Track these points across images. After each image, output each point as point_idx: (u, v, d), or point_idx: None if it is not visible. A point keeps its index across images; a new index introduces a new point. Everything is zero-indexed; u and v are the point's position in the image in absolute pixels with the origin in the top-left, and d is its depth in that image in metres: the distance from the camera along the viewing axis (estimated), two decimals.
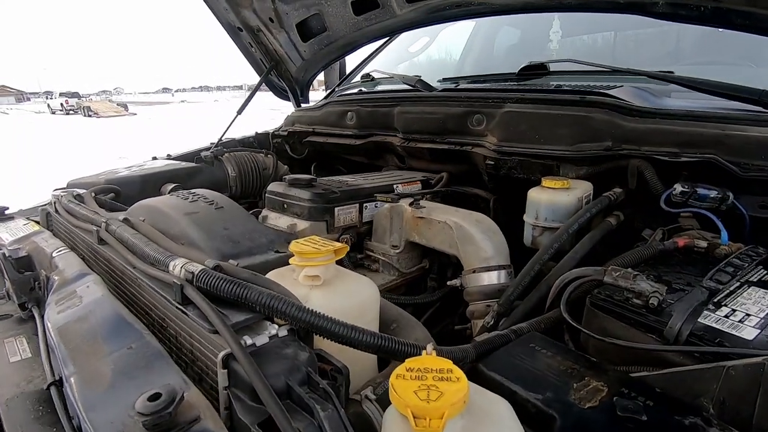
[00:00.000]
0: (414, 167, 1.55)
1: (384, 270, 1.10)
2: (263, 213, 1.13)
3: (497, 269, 0.87)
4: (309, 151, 1.89)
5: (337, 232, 1.09)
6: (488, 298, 0.86)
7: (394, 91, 1.61)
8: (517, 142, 1.14)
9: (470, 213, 0.96)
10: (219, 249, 0.68)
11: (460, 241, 0.91)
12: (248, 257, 0.68)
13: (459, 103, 1.31)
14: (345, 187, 1.11)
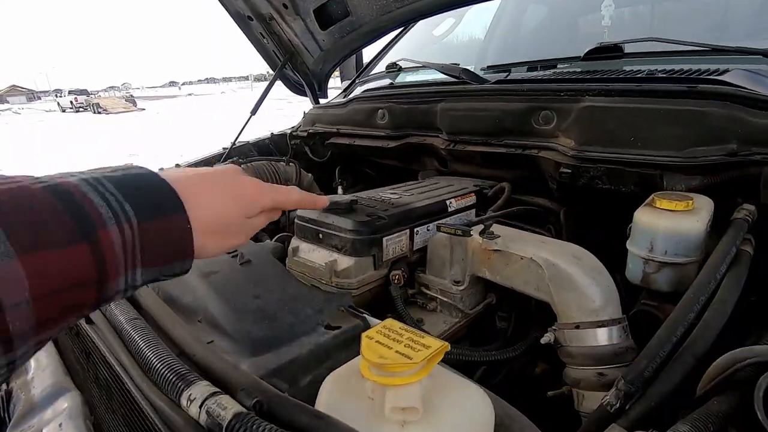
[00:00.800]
0: (459, 172, 1.33)
1: (443, 310, 0.90)
2: (293, 244, 0.93)
3: (610, 325, 0.66)
4: (332, 153, 1.68)
5: (386, 266, 0.88)
6: (599, 363, 0.65)
7: (434, 83, 1.38)
8: (603, 145, 0.91)
9: (562, 245, 0.75)
10: (251, 333, 0.48)
11: (554, 284, 0.70)
12: (291, 343, 0.48)
13: (519, 97, 1.08)
14: (392, 209, 0.90)
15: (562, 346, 0.70)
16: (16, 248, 0.27)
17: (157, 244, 0.35)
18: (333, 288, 0.83)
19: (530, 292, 0.75)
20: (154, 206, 0.35)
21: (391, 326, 0.42)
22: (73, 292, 0.30)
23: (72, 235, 0.30)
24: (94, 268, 0.31)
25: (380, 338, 0.40)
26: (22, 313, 0.27)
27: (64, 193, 0.31)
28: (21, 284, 0.27)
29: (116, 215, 0.32)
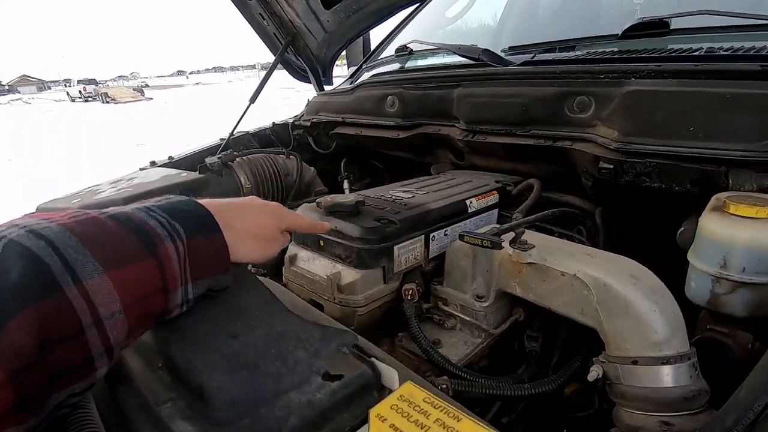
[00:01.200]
0: (477, 166, 1.20)
1: (464, 329, 0.77)
2: (290, 251, 0.81)
3: (677, 362, 0.53)
4: (338, 144, 1.55)
5: (397, 279, 0.76)
6: (663, 409, 0.52)
7: (451, 66, 1.24)
8: (653, 136, 0.77)
9: (613, 259, 0.62)
10: (222, 390, 0.36)
11: (604, 309, 0.57)
12: (275, 403, 0.36)
13: (550, 80, 0.94)
14: (404, 211, 0.78)
15: (613, 384, 0.57)
16: (103, 266, 0.32)
17: (202, 259, 0.41)
18: (336, 305, 0.71)
19: (572, 316, 0.62)
20: (198, 225, 0.41)
21: (412, 397, 0.30)
22: (149, 301, 0.36)
23: (141, 251, 0.35)
24: (160, 279, 0.36)
25: (396, 421, 0.28)
26: (117, 323, 0.32)
27: (126, 218, 0.37)
28: (113, 296, 0.32)
29: (170, 233, 0.38)
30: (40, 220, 0.32)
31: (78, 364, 0.30)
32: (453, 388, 0.62)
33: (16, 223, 0.32)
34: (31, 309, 0.27)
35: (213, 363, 0.39)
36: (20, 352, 0.26)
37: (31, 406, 0.27)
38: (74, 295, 0.29)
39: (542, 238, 0.71)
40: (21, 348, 0.26)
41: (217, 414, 0.35)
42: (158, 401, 0.37)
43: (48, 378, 0.28)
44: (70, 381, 0.30)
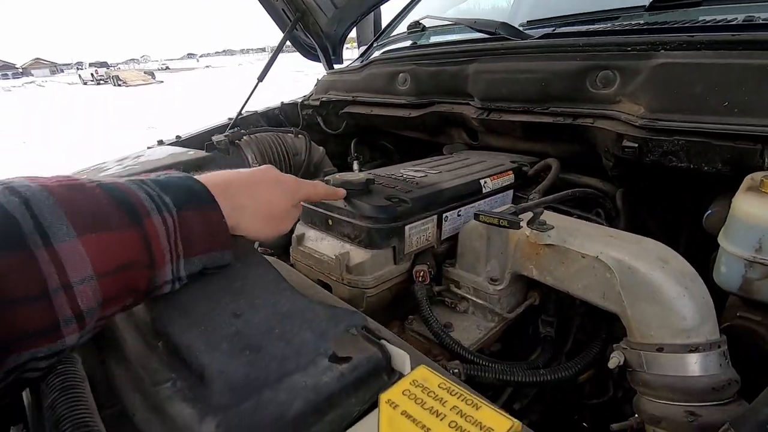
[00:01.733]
0: (491, 146, 1.15)
1: (476, 312, 0.75)
2: (298, 230, 0.79)
3: (706, 350, 0.50)
4: (347, 124, 1.52)
5: (408, 260, 0.74)
6: (690, 398, 0.49)
7: (466, 41, 1.19)
8: (683, 112, 0.72)
9: (639, 241, 0.58)
10: (224, 372, 0.34)
11: (628, 293, 0.54)
12: (279, 386, 0.34)
13: (572, 54, 0.89)
14: (416, 190, 0.74)
15: (635, 371, 0.54)
16: (77, 230, 0.31)
17: (195, 234, 0.39)
18: (344, 286, 0.69)
19: (593, 300, 0.59)
20: (190, 199, 0.39)
21: (426, 382, 0.28)
22: (130, 274, 0.34)
23: (123, 221, 0.34)
24: (145, 252, 0.35)
25: (409, 407, 0.25)
26: (88, 290, 0.31)
27: (114, 187, 0.35)
28: (84, 262, 0.31)
29: (158, 206, 0.36)
30: (24, 180, 0.31)
31: (41, 328, 0.29)
32: (465, 373, 0.60)
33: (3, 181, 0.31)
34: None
35: (214, 343, 0.36)
36: None
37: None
38: (42, 256, 0.28)
39: (561, 218, 0.67)
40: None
41: (218, 397, 0.33)
42: (156, 381, 0.35)
43: (7, 336, 0.27)
44: (33, 344, 0.29)
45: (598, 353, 0.66)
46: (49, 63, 77.52)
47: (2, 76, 66.52)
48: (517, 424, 0.24)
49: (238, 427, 0.31)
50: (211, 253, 0.41)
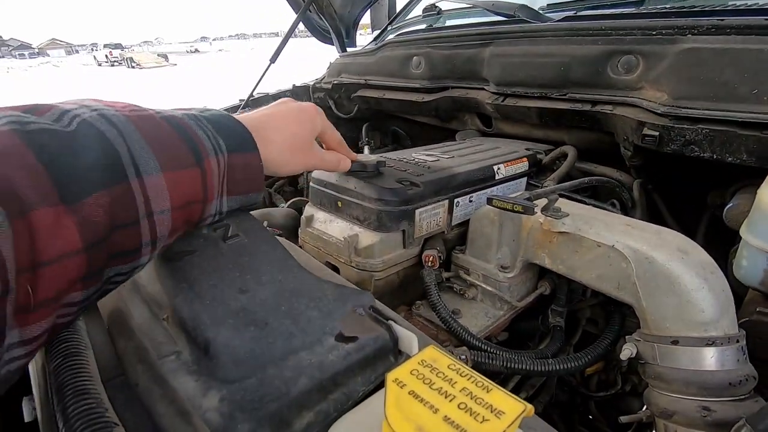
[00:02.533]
0: (506, 133, 1.13)
1: (485, 299, 0.74)
2: (306, 211, 0.78)
3: (724, 344, 0.48)
4: (359, 108, 1.50)
5: (417, 244, 0.72)
6: (705, 393, 0.48)
7: (483, 24, 1.16)
8: (709, 100, 0.70)
9: (658, 231, 0.56)
10: (228, 347, 0.34)
11: (644, 284, 0.52)
12: (284, 363, 0.34)
13: (593, 37, 0.86)
14: (428, 174, 0.73)
15: (648, 364, 0.53)
16: (161, 165, 0.33)
17: (238, 176, 0.42)
18: (352, 269, 0.68)
19: (606, 290, 0.57)
20: (238, 143, 0.42)
21: (435, 363, 0.27)
22: (190, 208, 0.37)
23: (190, 160, 0.36)
24: (202, 190, 0.38)
25: (417, 387, 0.24)
26: (164, 220, 0.34)
27: (180, 126, 0.37)
28: (165, 195, 0.34)
29: (214, 148, 0.39)
30: (106, 106, 0.33)
31: (130, 249, 0.32)
32: (472, 360, 0.59)
33: (85, 104, 0.33)
34: (105, 191, 0.29)
35: (220, 318, 0.36)
36: (95, 228, 0.28)
37: (94, 277, 0.30)
38: (136, 187, 0.31)
39: (577, 206, 0.66)
40: (96, 224, 0.28)
41: (223, 371, 0.33)
42: (160, 354, 0.34)
43: (108, 256, 0.30)
44: (122, 262, 0.32)
45: (609, 345, 0.64)
46: (64, 44, 78.02)
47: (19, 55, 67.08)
48: (530, 408, 0.23)
49: (242, 402, 0.30)
50: (248, 194, 0.44)
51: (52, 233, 0.26)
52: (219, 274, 0.40)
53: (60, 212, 0.26)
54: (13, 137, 0.26)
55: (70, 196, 0.27)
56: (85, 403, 0.25)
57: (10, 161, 0.25)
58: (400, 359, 0.38)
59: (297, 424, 0.31)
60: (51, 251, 0.25)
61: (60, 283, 0.27)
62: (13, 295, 0.23)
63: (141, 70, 24.48)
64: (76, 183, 0.27)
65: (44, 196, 0.25)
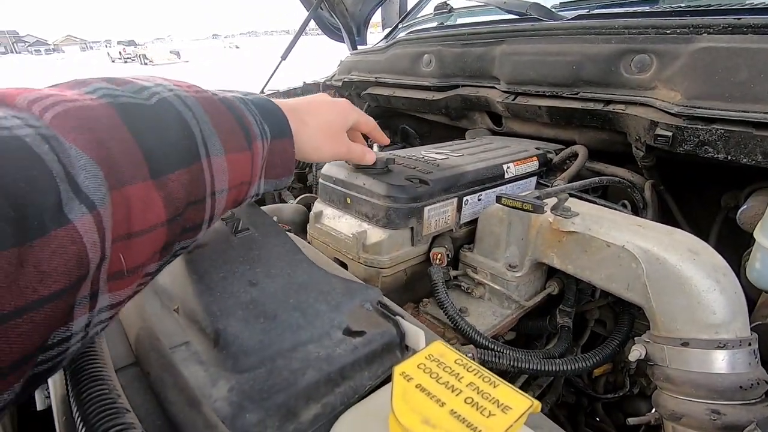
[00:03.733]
0: (516, 132, 1.12)
1: (492, 298, 0.74)
2: (316, 207, 0.79)
3: (735, 347, 0.47)
4: (369, 106, 1.50)
5: (425, 242, 0.72)
6: (715, 396, 0.47)
7: (495, 22, 1.15)
8: (724, 100, 0.69)
9: (669, 232, 0.56)
10: (238, 338, 0.34)
11: (654, 285, 0.52)
12: (292, 355, 0.34)
13: (607, 36, 0.85)
14: (437, 171, 0.73)
15: (657, 365, 0.53)
16: (225, 147, 0.34)
17: (276, 160, 0.43)
18: (360, 265, 0.69)
19: (616, 291, 0.57)
20: (280, 131, 0.43)
21: (442, 357, 0.27)
22: (240, 188, 0.38)
23: (244, 144, 0.37)
24: (250, 171, 0.39)
25: (424, 381, 0.25)
26: (222, 199, 0.36)
27: (235, 109, 0.38)
28: (225, 176, 0.35)
29: (261, 133, 0.40)
30: (176, 86, 0.34)
31: (197, 224, 0.34)
32: (479, 358, 0.59)
33: (158, 82, 0.34)
34: (185, 170, 0.30)
35: (230, 309, 0.36)
36: (176, 204, 0.30)
37: (168, 249, 0.31)
38: (206, 166, 0.33)
39: (587, 206, 0.65)
40: (177, 200, 0.30)
41: (232, 362, 0.33)
42: (172, 344, 0.35)
43: (181, 230, 0.32)
44: (188, 237, 0.34)
45: (617, 346, 0.64)
46: (79, 40, 79.08)
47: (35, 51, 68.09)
48: (537, 404, 0.23)
49: (251, 392, 0.30)
50: (282, 178, 0.45)
51: (144, 206, 0.27)
52: (229, 266, 0.41)
53: (150, 187, 0.27)
54: (111, 110, 0.27)
55: (157, 171, 0.28)
56: (99, 389, 0.26)
57: (110, 134, 0.26)
58: (406, 354, 0.38)
59: (304, 416, 0.32)
60: (143, 223, 0.27)
61: (146, 254, 0.28)
62: (107, 263, 0.25)
63: (154, 66, 24.74)
64: (162, 159, 0.28)
65: (138, 171, 0.26)
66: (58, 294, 0.21)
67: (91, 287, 0.24)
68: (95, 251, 0.23)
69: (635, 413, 0.94)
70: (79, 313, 0.24)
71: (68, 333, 0.24)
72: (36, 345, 0.21)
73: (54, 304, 0.21)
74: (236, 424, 0.28)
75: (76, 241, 0.22)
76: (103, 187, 0.24)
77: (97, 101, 0.27)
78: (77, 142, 0.24)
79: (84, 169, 0.23)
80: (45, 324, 0.21)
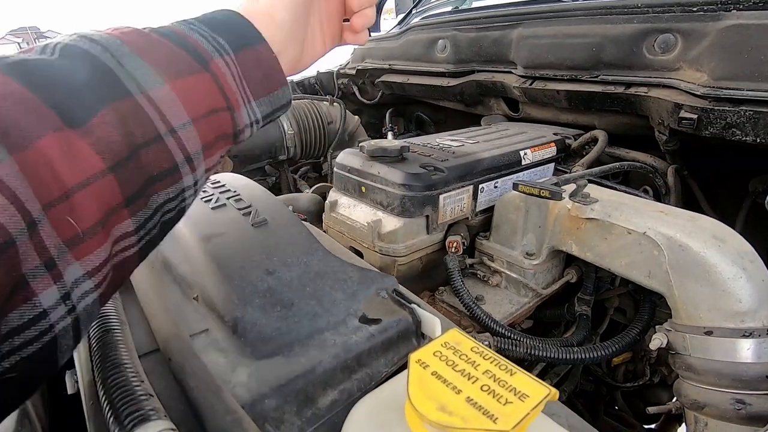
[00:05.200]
0: (533, 118, 1.10)
1: (509, 286, 0.73)
2: (331, 197, 0.79)
3: (762, 336, 0.46)
4: (383, 94, 1.49)
5: (441, 230, 0.72)
6: (740, 386, 0.46)
7: (511, 4, 1.12)
8: (752, 80, 0.66)
9: (693, 218, 0.54)
10: (256, 326, 0.35)
11: (677, 272, 0.50)
12: (309, 343, 0.34)
13: (628, 16, 0.82)
14: (452, 159, 0.72)
15: (679, 354, 0.51)
16: (163, 77, 0.30)
17: (256, 73, 0.37)
18: (376, 253, 0.69)
19: (637, 278, 0.56)
20: (242, 38, 0.36)
21: (458, 345, 0.27)
22: (217, 117, 0.33)
23: (194, 65, 0.32)
24: (221, 95, 0.34)
25: (440, 368, 0.25)
26: (190, 134, 0.31)
27: (170, 32, 0.33)
28: (178, 106, 0.30)
29: (216, 49, 0.34)
30: (93, 32, 0.30)
31: (166, 169, 0.30)
32: (496, 346, 0.59)
33: (74, 34, 0.30)
34: (108, 109, 0.27)
35: (247, 298, 0.37)
36: (111, 147, 0.26)
37: (137, 202, 0.28)
38: (143, 102, 0.28)
39: (607, 192, 0.64)
40: (111, 142, 0.26)
41: (250, 348, 0.34)
42: (192, 331, 0.36)
43: (146, 179, 0.29)
44: (164, 185, 0.30)
45: (637, 335, 0.63)
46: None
47: None
48: (554, 392, 0.23)
49: (269, 378, 0.31)
50: (275, 92, 0.38)
51: (69, 158, 0.24)
52: (246, 255, 0.41)
53: (69, 136, 0.25)
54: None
55: (74, 119, 0.25)
56: (123, 374, 0.27)
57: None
58: (422, 342, 0.38)
59: (321, 401, 0.32)
60: (76, 176, 0.24)
61: (98, 208, 0.26)
62: (49, 228, 0.23)
63: None
64: (75, 105, 0.26)
65: (44, 124, 0.24)
66: None
67: (39, 257, 0.23)
68: (9, 215, 0.21)
69: (655, 402, 0.93)
70: (40, 287, 0.23)
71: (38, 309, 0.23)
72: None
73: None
74: (255, 409, 0.29)
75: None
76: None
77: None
78: None
79: None
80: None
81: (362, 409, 0.29)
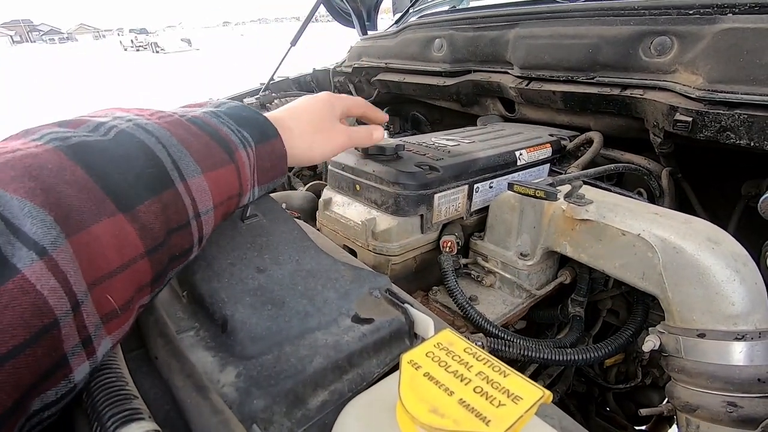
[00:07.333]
0: (529, 119, 1.10)
1: (503, 287, 0.73)
2: (325, 195, 0.78)
3: (754, 339, 0.46)
4: (379, 92, 1.48)
5: (435, 229, 0.72)
6: (731, 389, 0.46)
7: (510, 4, 1.12)
8: (747, 83, 0.66)
9: (687, 220, 0.54)
10: (245, 325, 0.34)
11: (670, 274, 0.50)
12: (300, 342, 0.34)
13: (625, 18, 0.82)
14: (447, 158, 0.72)
15: (672, 356, 0.51)
16: (201, 167, 0.34)
17: (266, 165, 0.43)
18: (369, 252, 0.68)
19: (630, 280, 0.55)
20: (261, 132, 0.42)
21: (451, 346, 0.26)
22: (230, 202, 0.38)
23: (224, 158, 0.37)
24: (237, 183, 0.39)
25: (432, 370, 0.24)
26: (209, 219, 0.36)
27: (207, 125, 0.37)
28: (208, 195, 0.35)
29: (242, 141, 0.39)
30: (136, 116, 0.34)
31: (185, 250, 0.34)
32: (489, 347, 0.58)
33: (116, 115, 0.33)
34: (155, 198, 0.30)
35: (237, 296, 0.36)
36: (152, 233, 0.29)
37: (159, 280, 0.32)
38: (182, 190, 0.32)
39: (601, 193, 0.64)
40: (152, 229, 0.29)
41: (240, 347, 0.33)
42: (180, 329, 0.35)
43: (169, 258, 0.32)
44: (179, 262, 0.34)
45: (630, 336, 0.63)
46: (92, 29, 79.59)
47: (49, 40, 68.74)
48: (548, 395, 0.23)
49: (258, 378, 0.30)
50: (275, 179, 0.45)
51: (118, 242, 0.26)
52: (237, 252, 0.41)
53: (120, 221, 0.27)
54: (59, 154, 0.26)
55: (125, 205, 0.27)
56: (107, 374, 0.26)
57: (59, 178, 0.25)
58: (415, 342, 0.38)
59: (311, 402, 0.31)
60: (121, 258, 0.27)
61: (132, 288, 0.28)
62: (90, 307, 0.24)
63: (165, 54, 24.83)
64: (128, 193, 0.28)
65: (101, 208, 0.26)
66: (20, 348, 0.20)
67: (78, 335, 0.23)
68: (58, 297, 0.22)
69: (647, 404, 0.93)
70: (76, 363, 0.24)
71: (71, 384, 0.24)
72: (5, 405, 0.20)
73: (17, 360, 0.20)
74: (243, 409, 0.28)
75: (28, 291, 0.21)
76: (53, 231, 0.23)
77: (43, 147, 0.26)
78: (19, 191, 0.23)
79: (30, 216, 0.22)
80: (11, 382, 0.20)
81: (353, 411, 0.29)
